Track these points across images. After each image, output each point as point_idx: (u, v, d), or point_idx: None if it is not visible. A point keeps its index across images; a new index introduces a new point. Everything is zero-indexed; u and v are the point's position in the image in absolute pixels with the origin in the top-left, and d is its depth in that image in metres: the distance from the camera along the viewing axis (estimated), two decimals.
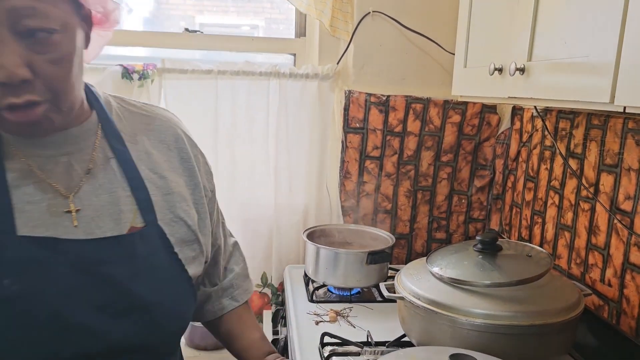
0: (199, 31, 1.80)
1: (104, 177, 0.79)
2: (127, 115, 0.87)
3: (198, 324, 1.18)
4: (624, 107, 0.77)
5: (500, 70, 1.11)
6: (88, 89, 0.84)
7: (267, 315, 1.67)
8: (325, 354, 1.15)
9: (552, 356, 1.04)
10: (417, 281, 1.12)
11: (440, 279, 1.10)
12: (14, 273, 0.69)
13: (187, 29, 1.79)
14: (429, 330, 1.06)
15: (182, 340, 1.12)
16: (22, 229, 0.71)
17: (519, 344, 0.99)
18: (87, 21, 0.77)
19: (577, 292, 1.09)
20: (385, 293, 1.14)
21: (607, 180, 1.22)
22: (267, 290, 1.80)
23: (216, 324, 1.03)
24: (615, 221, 1.19)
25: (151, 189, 0.82)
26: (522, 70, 1.03)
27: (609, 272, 1.21)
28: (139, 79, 1.62)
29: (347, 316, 1.37)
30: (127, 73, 1.62)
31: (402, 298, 1.11)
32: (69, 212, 0.75)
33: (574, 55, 0.89)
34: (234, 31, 2.56)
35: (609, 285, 1.21)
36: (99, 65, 1.67)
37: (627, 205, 1.16)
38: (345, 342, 1.20)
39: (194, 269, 0.85)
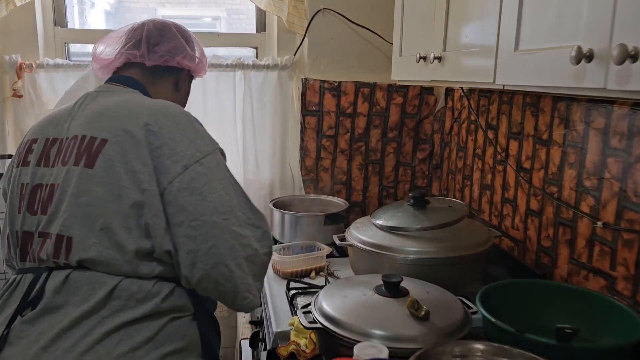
0: None
1: None
2: None
3: None
4: (503, 85, 1.05)
5: (424, 58, 1.37)
6: None
7: None
8: (291, 295, 1.41)
9: (467, 283, 1.32)
10: (363, 232, 1.39)
11: (381, 228, 1.37)
12: None
13: None
14: (372, 268, 1.33)
15: None
16: None
17: (441, 272, 1.27)
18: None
19: (488, 233, 1.38)
20: (337, 242, 1.41)
21: (513, 146, 1.52)
22: None
23: None
24: (520, 178, 1.48)
25: None
26: (439, 59, 1.30)
27: (517, 219, 1.51)
28: None
29: None
30: None
31: (350, 245, 1.37)
32: None
33: (471, 45, 1.16)
34: (196, 22, 2.71)
35: (517, 229, 1.51)
36: (83, 62, 1.87)
37: (527, 164, 1.45)
38: (309, 287, 1.46)
39: None
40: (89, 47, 2.08)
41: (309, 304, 1.09)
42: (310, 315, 1.05)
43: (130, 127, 0.94)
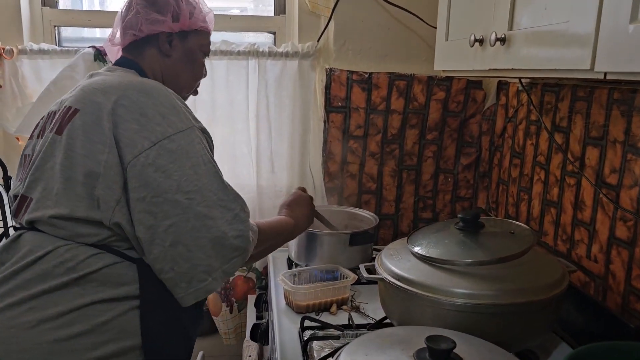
0: None
1: None
2: None
3: None
4: (605, 74, 0.74)
5: (481, 41, 1.07)
6: None
7: (251, 300, 1.64)
8: (305, 338, 1.12)
9: (535, 335, 1.01)
10: (397, 262, 1.09)
11: (421, 258, 1.06)
12: None
13: None
14: (409, 311, 1.03)
15: None
16: None
17: (501, 323, 0.97)
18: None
19: (561, 269, 1.06)
20: (365, 274, 1.11)
21: (592, 154, 1.19)
22: (252, 275, 1.77)
23: None
24: (601, 195, 1.16)
25: None
26: (502, 41, 0.99)
27: (595, 248, 1.18)
28: None
29: None
30: (99, 55, 1.57)
31: (381, 279, 1.08)
32: None
33: (554, 22, 0.85)
34: (223, 14, 2.50)
35: (595, 261, 1.18)
36: (72, 47, 1.61)
37: (612, 179, 1.12)
38: (325, 326, 1.17)
39: None
40: (84, 32, 1.83)
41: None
42: None
43: (101, 100, 0.94)
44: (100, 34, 1.83)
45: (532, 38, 0.90)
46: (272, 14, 1.84)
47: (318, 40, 1.68)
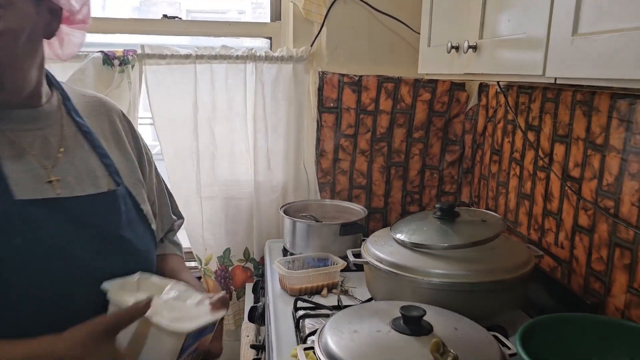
0: (177, 17, 1.85)
1: (76, 148, 0.89)
2: (79, 97, 0.97)
3: None
4: (555, 79, 0.85)
5: (457, 48, 1.18)
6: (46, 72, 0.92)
7: (249, 287, 1.76)
8: (298, 316, 1.24)
9: (503, 311, 1.13)
10: (381, 247, 1.21)
11: (403, 244, 1.18)
12: (20, 233, 0.76)
13: (165, 15, 1.84)
14: (391, 291, 1.15)
15: None
16: (18, 194, 0.79)
17: (472, 299, 1.08)
18: (54, 14, 0.84)
19: (528, 253, 1.18)
20: (352, 258, 1.23)
21: (559, 150, 1.31)
22: (250, 265, 1.89)
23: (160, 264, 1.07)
24: (566, 188, 1.27)
25: (112, 155, 0.94)
26: (474, 48, 1.11)
27: (562, 236, 1.30)
28: (120, 65, 1.68)
29: None
30: (108, 59, 1.67)
31: (366, 262, 1.19)
32: (50, 181, 0.83)
33: (514, 33, 0.97)
34: (221, 16, 2.58)
35: (562, 247, 1.30)
36: (81, 52, 1.72)
37: (576, 172, 1.24)
38: (316, 307, 1.28)
39: (154, 224, 0.98)
40: (89, 37, 1.93)
41: (315, 332, 0.92)
42: (313, 351, 0.87)
43: None
44: (104, 39, 1.93)
45: (498, 46, 1.02)
46: (268, 20, 1.95)
47: (311, 45, 1.80)
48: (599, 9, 0.73)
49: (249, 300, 1.71)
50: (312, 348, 0.88)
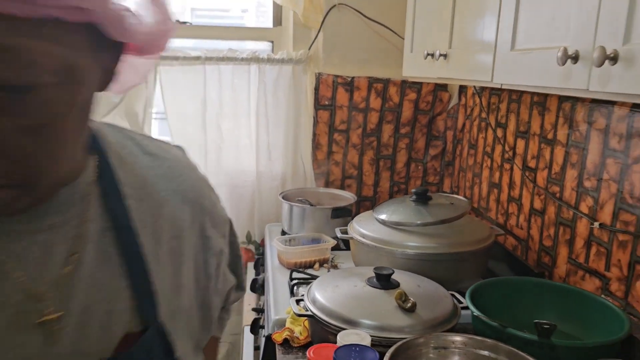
0: (188, 22, 2.05)
1: (94, 261, 0.58)
2: (131, 156, 0.64)
3: None
4: (501, 84, 1.06)
5: (432, 55, 1.39)
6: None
7: (250, 265, 1.96)
8: (292, 284, 1.44)
9: (466, 278, 1.33)
10: (364, 226, 1.41)
11: (383, 222, 1.39)
12: None
13: (176, 21, 2.04)
14: (372, 262, 1.34)
15: None
16: None
17: (439, 268, 1.28)
18: (116, 50, 0.55)
19: (489, 230, 1.39)
20: (340, 235, 1.43)
21: (520, 144, 1.51)
22: (251, 247, 2.10)
23: None
24: (525, 177, 1.48)
25: (156, 270, 0.61)
26: (444, 56, 1.31)
27: (522, 218, 1.51)
28: None
29: None
30: None
31: (352, 238, 1.40)
32: (43, 322, 0.54)
33: (472, 45, 1.17)
34: (224, 14, 2.74)
35: (521, 228, 1.51)
36: None
37: (532, 163, 1.45)
38: (311, 277, 1.49)
39: None
40: None
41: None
42: (303, 303, 1.08)
43: None
44: None
45: (462, 55, 1.23)
46: (270, 25, 2.15)
47: (309, 49, 2.00)
48: (526, 32, 0.94)
49: (250, 274, 1.92)
50: (302, 300, 1.09)
